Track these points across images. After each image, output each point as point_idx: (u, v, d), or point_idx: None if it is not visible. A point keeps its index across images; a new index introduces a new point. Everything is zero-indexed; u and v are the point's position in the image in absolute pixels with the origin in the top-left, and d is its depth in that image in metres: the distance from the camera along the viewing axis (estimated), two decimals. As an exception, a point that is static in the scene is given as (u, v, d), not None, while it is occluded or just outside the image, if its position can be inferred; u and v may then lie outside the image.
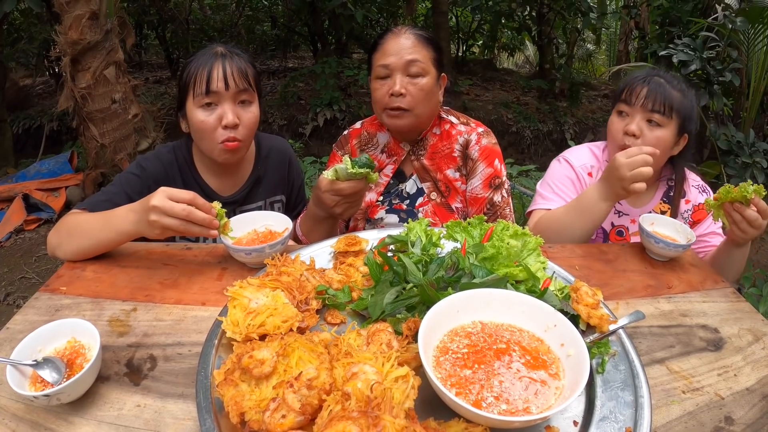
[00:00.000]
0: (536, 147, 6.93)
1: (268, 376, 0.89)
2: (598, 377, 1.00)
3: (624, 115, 1.79)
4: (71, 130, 5.26)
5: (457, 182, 1.88)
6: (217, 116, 1.58)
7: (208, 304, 1.27)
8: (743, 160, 4.17)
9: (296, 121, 6.70)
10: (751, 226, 1.47)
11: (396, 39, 1.74)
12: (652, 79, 1.75)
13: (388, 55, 1.73)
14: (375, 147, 1.97)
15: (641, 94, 1.73)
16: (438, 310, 0.97)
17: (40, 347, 1.05)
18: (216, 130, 1.59)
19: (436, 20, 7.09)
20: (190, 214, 1.28)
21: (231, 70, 1.57)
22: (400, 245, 1.31)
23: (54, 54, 4.40)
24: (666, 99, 1.70)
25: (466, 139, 1.87)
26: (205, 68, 1.56)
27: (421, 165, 1.90)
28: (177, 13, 8.39)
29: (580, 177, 1.92)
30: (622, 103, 1.78)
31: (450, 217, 1.87)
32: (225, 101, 1.58)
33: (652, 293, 1.39)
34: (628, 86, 1.78)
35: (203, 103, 1.57)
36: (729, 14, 4.28)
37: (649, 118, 1.73)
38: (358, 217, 1.98)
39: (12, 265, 4.16)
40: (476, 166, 1.85)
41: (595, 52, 12.60)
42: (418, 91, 1.72)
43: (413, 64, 1.71)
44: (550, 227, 1.74)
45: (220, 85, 1.55)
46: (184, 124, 1.69)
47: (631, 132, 1.73)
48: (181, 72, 1.65)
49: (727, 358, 1.16)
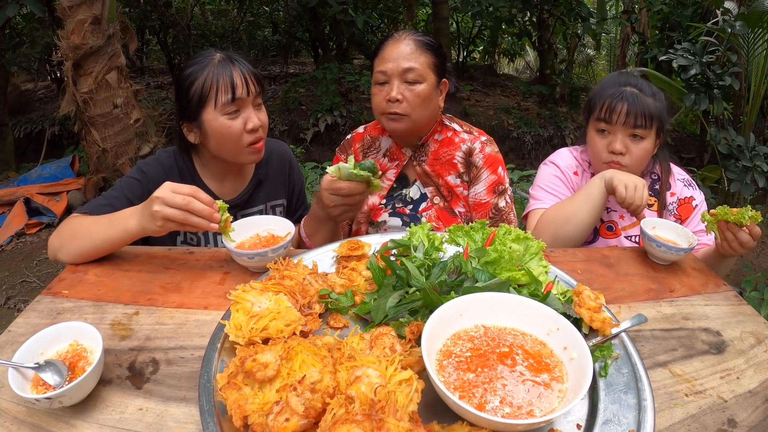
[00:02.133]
0: (537, 152, 6.93)
1: (272, 379, 0.89)
2: (601, 380, 1.00)
3: (605, 134, 1.82)
4: (73, 135, 5.27)
5: (458, 188, 1.90)
6: (242, 121, 1.61)
7: (211, 307, 1.27)
8: (744, 164, 4.17)
9: (297, 127, 6.71)
10: (741, 246, 1.51)
11: (395, 45, 1.75)
12: (626, 91, 1.78)
13: (387, 61, 1.74)
14: (377, 151, 1.98)
15: (621, 111, 1.76)
16: (441, 314, 0.97)
17: (42, 350, 1.05)
18: (242, 134, 1.62)
19: (437, 26, 7.11)
20: (189, 203, 1.29)
21: (248, 76, 1.61)
22: (403, 249, 1.31)
23: (56, 58, 4.44)
24: (645, 111, 1.74)
25: (469, 147, 1.89)
26: (224, 77, 1.57)
27: (423, 170, 1.92)
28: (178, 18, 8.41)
29: (566, 176, 1.98)
30: (602, 122, 1.81)
31: (453, 222, 1.89)
32: (247, 106, 1.62)
33: (654, 297, 1.39)
34: (603, 102, 1.80)
35: (229, 110, 1.59)
36: (728, 18, 4.29)
37: (633, 134, 1.77)
38: (361, 221, 1.99)
39: (13, 269, 4.16)
40: (480, 173, 1.88)
41: (595, 57, 12.63)
42: (415, 98, 1.73)
43: (410, 71, 1.72)
44: (555, 217, 1.77)
45: (244, 91, 1.59)
46: (193, 135, 1.67)
47: (618, 151, 1.78)
48: (184, 82, 1.61)
49: (730, 361, 1.16)
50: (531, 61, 12.73)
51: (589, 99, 1.92)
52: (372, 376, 0.84)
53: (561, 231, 1.72)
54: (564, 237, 1.71)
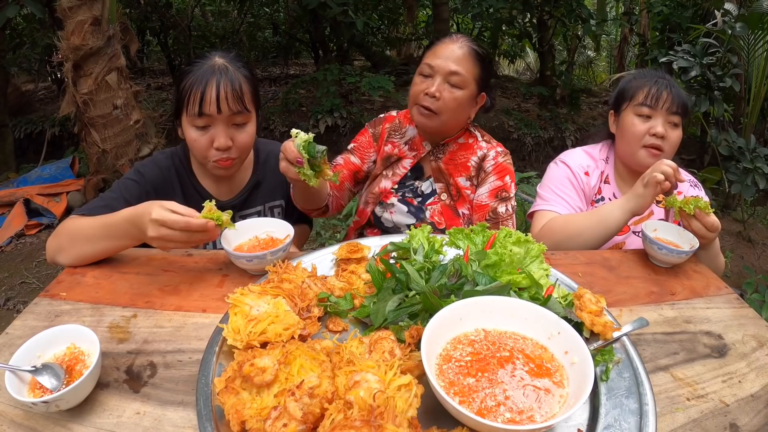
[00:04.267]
0: (537, 154, 6.91)
1: (270, 384, 0.88)
2: (602, 385, 1.00)
3: (646, 118, 1.86)
4: (73, 136, 5.26)
5: (466, 190, 1.95)
6: (209, 137, 1.57)
7: (209, 311, 1.27)
8: (744, 166, 4.17)
9: (298, 128, 6.68)
10: (697, 233, 1.54)
11: (449, 45, 1.80)
12: (661, 81, 1.86)
13: (437, 57, 1.79)
14: (401, 137, 2.03)
15: (666, 97, 1.82)
16: (441, 318, 0.96)
17: (40, 353, 1.04)
18: (209, 149, 1.58)
19: (437, 27, 7.09)
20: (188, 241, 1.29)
21: (225, 92, 1.52)
22: (403, 252, 1.30)
23: (56, 59, 4.43)
24: (681, 100, 1.83)
25: (484, 153, 1.95)
26: (200, 88, 1.52)
27: (438, 166, 1.96)
28: (179, 19, 8.41)
29: (577, 176, 1.99)
30: (645, 107, 1.85)
31: (455, 221, 1.93)
32: (218, 124, 1.56)
33: (656, 300, 1.38)
34: (646, 89, 1.86)
35: (197, 123, 1.55)
36: (728, 20, 4.29)
37: (671, 121, 1.84)
38: (369, 201, 2.03)
39: (12, 270, 4.16)
40: (487, 177, 1.92)
41: (595, 58, 12.65)
42: (452, 100, 1.78)
43: (455, 74, 1.76)
44: (562, 229, 1.77)
45: (213, 108, 1.53)
46: (180, 131, 1.67)
47: (661, 134, 1.82)
48: (179, 80, 1.61)
49: (732, 364, 1.15)
50: (531, 62, 12.74)
51: (621, 90, 1.97)
52: (371, 381, 0.83)
53: (564, 244, 1.73)
54: (566, 249, 1.71)
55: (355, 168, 2.02)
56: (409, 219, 1.95)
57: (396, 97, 7.06)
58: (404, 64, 9.36)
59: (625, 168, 1.98)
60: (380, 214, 1.99)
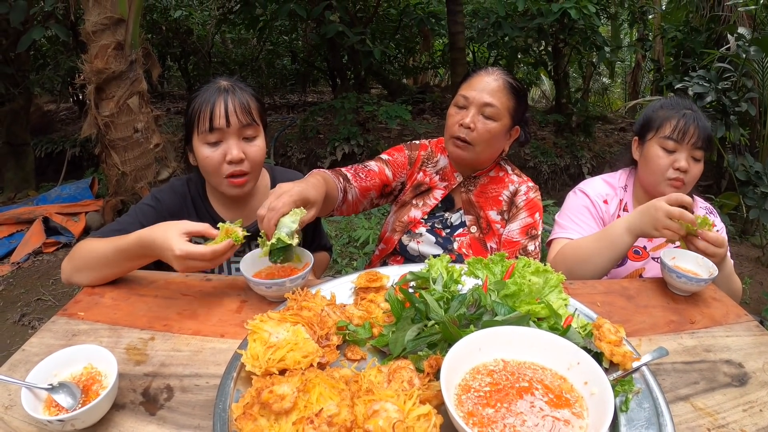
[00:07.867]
0: (554, 182, 6.89)
1: (288, 411, 0.88)
2: (622, 415, 0.98)
3: (669, 153, 1.85)
4: (93, 157, 5.35)
5: (497, 224, 1.95)
6: (221, 152, 1.60)
7: (227, 336, 1.27)
8: (762, 191, 4.13)
9: (315, 155, 6.76)
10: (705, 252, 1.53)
11: (484, 77, 1.82)
12: (688, 113, 1.84)
13: (471, 89, 1.81)
14: (434, 166, 2.03)
15: (693, 133, 1.81)
16: (460, 348, 0.96)
17: (56, 371, 1.05)
18: (221, 165, 1.61)
19: (453, 56, 7.16)
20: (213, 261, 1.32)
21: (233, 106, 1.58)
22: (422, 282, 1.30)
23: (79, 81, 4.50)
24: (706, 134, 1.82)
25: (516, 188, 1.96)
26: (208, 105, 1.57)
27: (469, 198, 1.97)
28: (199, 46, 8.60)
29: (596, 205, 1.98)
30: (670, 141, 1.83)
31: (483, 254, 1.91)
32: (229, 137, 1.60)
33: (675, 329, 1.36)
34: (672, 122, 1.84)
35: (209, 140, 1.59)
36: (742, 44, 4.29)
37: (693, 155, 1.83)
38: (397, 229, 2.02)
39: (29, 287, 4.20)
40: (519, 213, 1.93)
41: (610, 85, 12.67)
42: (485, 132, 1.80)
43: (489, 106, 1.78)
44: (574, 254, 1.77)
45: (222, 122, 1.57)
46: (192, 158, 1.71)
47: (684, 168, 1.82)
48: (188, 105, 1.66)
49: (752, 393, 1.13)
50: (547, 90, 12.79)
51: (648, 119, 1.95)
52: (390, 411, 0.83)
53: (576, 270, 1.72)
54: (578, 276, 1.70)
55: (386, 181, 1.98)
56: (437, 250, 1.93)
57: (413, 125, 7.10)
58: (421, 92, 9.46)
59: (646, 195, 1.96)
60: (407, 243, 1.98)
